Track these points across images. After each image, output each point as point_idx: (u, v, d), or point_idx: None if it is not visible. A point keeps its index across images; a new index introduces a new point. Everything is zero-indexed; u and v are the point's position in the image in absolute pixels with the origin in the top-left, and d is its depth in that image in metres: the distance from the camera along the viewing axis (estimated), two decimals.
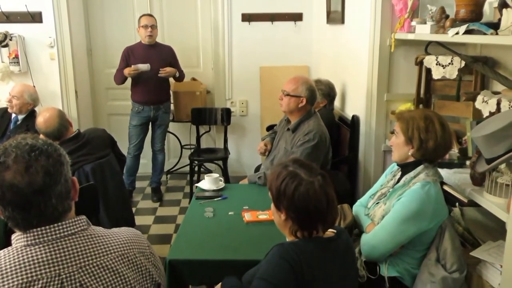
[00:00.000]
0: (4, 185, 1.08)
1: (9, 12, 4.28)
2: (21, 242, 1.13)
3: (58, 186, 1.13)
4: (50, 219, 1.14)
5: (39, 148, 1.13)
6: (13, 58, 4.32)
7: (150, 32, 4.12)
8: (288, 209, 1.50)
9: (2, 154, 1.11)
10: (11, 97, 3.47)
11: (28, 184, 1.08)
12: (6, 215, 1.12)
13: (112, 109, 5.07)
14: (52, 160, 1.13)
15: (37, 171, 1.09)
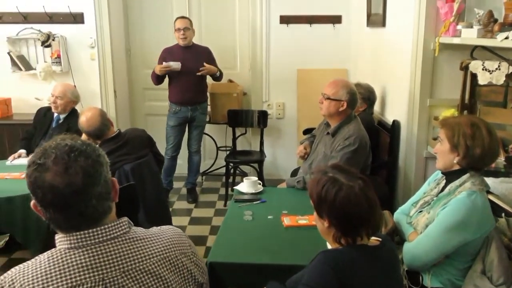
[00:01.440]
0: (45, 187, 1.08)
1: (52, 13, 4.41)
2: (64, 244, 1.13)
3: (97, 187, 1.13)
4: (91, 220, 1.14)
5: (78, 149, 1.12)
6: (55, 58, 4.44)
7: (183, 35, 4.16)
8: (330, 216, 1.47)
9: (42, 155, 1.11)
10: (55, 98, 3.54)
11: (68, 185, 1.08)
12: (47, 216, 1.12)
13: (149, 109, 5.14)
14: (91, 160, 1.13)
15: (76, 171, 1.09)
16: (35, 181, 1.09)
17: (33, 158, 1.12)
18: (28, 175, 1.11)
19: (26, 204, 2.72)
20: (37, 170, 1.09)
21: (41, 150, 1.13)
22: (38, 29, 4.38)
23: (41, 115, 3.70)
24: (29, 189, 1.11)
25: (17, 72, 4.46)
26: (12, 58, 4.39)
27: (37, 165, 1.09)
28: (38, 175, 1.08)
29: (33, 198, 1.12)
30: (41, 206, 1.11)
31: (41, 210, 1.13)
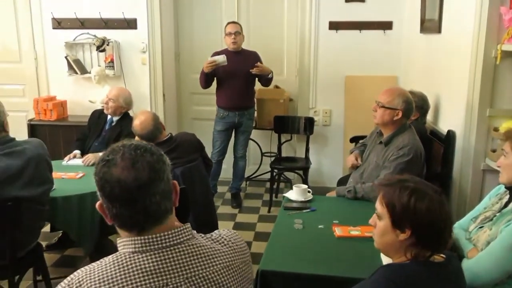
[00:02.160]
0: (112, 181, 1.12)
1: (107, 18, 4.53)
2: (129, 248, 1.14)
3: (161, 183, 1.16)
4: (154, 217, 1.15)
5: (144, 147, 1.18)
6: (109, 62, 4.57)
7: (234, 39, 4.18)
8: (415, 226, 1.41)
9: (111, 152, 1.16)
10: (108, 100, 3.65)
11: (134, 179, 1.11)
12: (113, 212, 1.14)
13: (196, 113, 5.20)
14: (156, 157, 1.17)
15: (143, 166, 1.13)
16: (104, 176, 1.13)
17: (102, 156, 1.18)
18: (96, 172, 1.16)
19: (81, 204, 2.81)
20: (105, 165, 1.14)
21: (109, 149, 1.18)
22: (93, 34, 4.52)
23: (95, 117, 3.81)
24: (97, 186, 1.15)
25: (73, 76, 4.62)
26: (69, 62, 4.55)
27: (106, 161, 1.14)
28: (107, 170, 1.13)
29: (100, 195, 1.16)
30: (108, 202, 1.14)
31: (107, 208, 1.16)
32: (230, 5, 4.93)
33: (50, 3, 4.57)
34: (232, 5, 4.92)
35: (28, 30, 4.69)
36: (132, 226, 1.15)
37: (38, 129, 4.45)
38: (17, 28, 4.74)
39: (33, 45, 4.71)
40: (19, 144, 2.42)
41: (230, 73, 4.16)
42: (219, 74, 4.23)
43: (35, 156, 2.43)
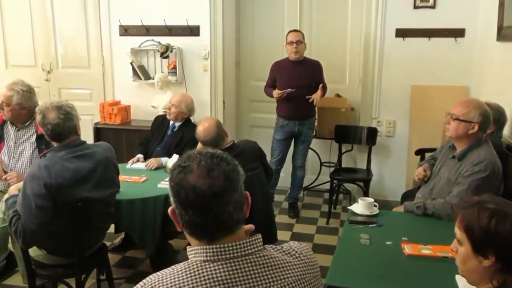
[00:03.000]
0: (188, 187, 1.11)
1: (171, 26, 4.62)
2: (200, 257, 1.13)
3: (235, 193, 1.14)
4: (226, 227, 1.14)
5: (220, 156, 1.17)
6: (172, 68, 4.64)
7: (295, 49, 4.13)
8: (500, 252, 1.29)
9: (187, 159, 1.16)
10: (171, 105, 3.70)
11: (209, 187, 1.11)
12: (185, 219, 1.14)
13: (254, 121, 5.19)
14: (232, 166, 1.16)
15: (218, 175, 1.12)
16: (179, 182, 1.13)
17: (178, 162, 1.18)
18: (172, 177, 1.16)
19: (144, 208, 2.85)
20: (181, 172, 1.14)
21: (186, 155, 1.18)
22: (158, 41, 4.61)
23: (158, 122, 3.87)
24: (172, 191, 1.16)
25: (137, 81, 4.74)
26: (134, 68, 4.67)
27: (182, 167, 1.14)
28: (182, 177, 1.13)
29: (174, 200, 1.15)
30: (181, 208, 1.14)
31: (179, 214, 1.15)
32: (292, 12, 4.89)
33: (118, 11, 4.72)
34: (294, 12, 4.88)
35: (97, 37, 4.87)
36: (202, 234, 1.15)
37: (103, 132, 4.59)
38: (87, 35, 4.93)
39: (101, 51, 4.88)
40: (89, 147, 2.49)
41: (292, 82, 4.10)
42: (280, 84, 4.19)
43: (103, 159, 2.48)
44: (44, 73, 5.07)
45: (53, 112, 2.38)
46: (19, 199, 2.29)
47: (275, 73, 4.24)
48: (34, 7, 5.01)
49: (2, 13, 5.11)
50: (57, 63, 5.08)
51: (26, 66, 5.13)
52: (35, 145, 3.13)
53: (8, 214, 2.35)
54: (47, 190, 2.22)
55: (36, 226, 2.25)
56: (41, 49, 5.09)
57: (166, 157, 3.55)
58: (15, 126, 3.17)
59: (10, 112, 3.10)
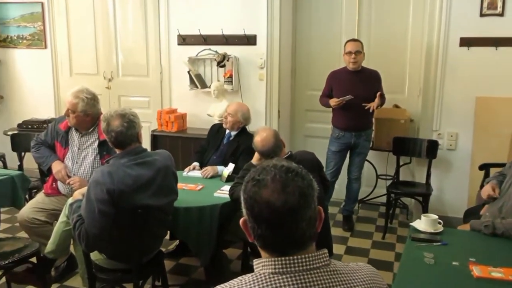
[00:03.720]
0: (261, 202, 1.09)
1: (228, 35, 4.66)
2: (268, 269, 1.11)
3: (309, 210, 1.12)
4: (298, 243, 1.12)
5: (295, 170, 1.14)
6: (228, 77, 4.68)
7: (354, 59, 4.04)
8: None
9: (261, 172, 1.13)
10: (227, 114, 3.71)
11: (284, 203, 1.08)
12: (258, 233, 1.12)
13: (309, 131, 5.13)
14: (307, 182, 1.13)
15: (293, 191, 1.09)
16: (253, 195, 1.11)
17: (252, 174, 1.15)
18: (246, 190, 1.14)
19: (201, 216, 2.86)
20: (255, 185, 1.11)
21: (260, 168, 1.16)
22: (215, 50, 4.67)
23: (214, 131, 3.90)
24: (245, 204, 1.14)
25: (194, 89, 4.81)
26: (191, 76, 4.74)
27: (256, 181, 1.12)
28: (257, 191, 1.11)
29: (247, 213, 1.14)
30: (254, 222, 1.12)
31: (251, 227, 1.13)
32: (350, 21, 4.81)
33: (177, 21, 4.82)
34: (353, 20, 4.80)
35: (156, 46, 4.99)
36: (274, 249, 1.13)
37: (159, 140, 4.68)
38: (147, 45, 5.07)
39: (159, 60, 4.99)
40: (150, 155, 2.53)
41: (349, 92, 4.02)
42: (337, 94, 4.12)
43: (163, 167, 2.51)
44: (105, 81, 5.26)
45: (117, 120, 2.44)
46: (83, 204, 2.36)
47: (332, 83, 4.17)
48: (98, 18, 5.21)
49: (69, 24, 5.34)
50: (117, 72, 5.26)
51: (88, 74, 5.34)
52: (97, 151, 3.23)
53: (73, 218, 2.42)
54: (110, 196, 2.27)
55: (99, 230, 2.30)
56: (103, 58, 5.28)
57: (222, 165, 3.56)
58: (79, 132, 3.28)
59: (75, 118, 3.21)
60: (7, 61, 5.61)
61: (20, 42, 5.52)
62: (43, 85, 5.50)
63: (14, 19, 5.48)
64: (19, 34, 5.51)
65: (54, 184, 3.30)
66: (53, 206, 3.23)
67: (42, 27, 5.39)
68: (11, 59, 5.61)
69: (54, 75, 5.48)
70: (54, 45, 5.43)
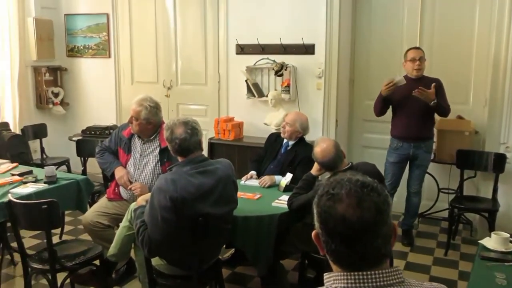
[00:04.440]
0: (336, 217, 1.08)
1: (287, 44, 4.66)
2: (340, 284, 1.10)
3: (384, 226, 1.09)
4: (372, 260, 1.09)
5: (370, 185, 1.11)
6: (285, 86, 4.67)
7: (418, 66, 3.92)
8: None
9: (335, 186, 1.11)
10: (285, 123, 3.69)
11: (359, 219, 1.06)
12: (331, 247, 1.10)
13: (367, 141, 5.02)
14: (382, 197, 1.10)
15: (369, 206, 1.07)
16: (328, 210, 1.10)
17: (326, 188, 1.13)
18: (319, 204, 1.13)
19: (259, 225, 2.85)
20: (330, 200, 1.10)
21: (334, 182, 1.14)
22: (273, 60, 4.68)
23: (272, 140, 3.89)
24: (318, 218, 1.12)
25: (251, 99, 4.84)
26: (248, 85, 4.78)
27: (330, 195, 1.10)
28: (331, 205, 1.09)
29: (320, 227, 1.12)
30: (327, 236, 1.11)
31: (325, 241, 1.12)
32: (411, 29, 4.68)
33: (236, 31, 4.88)
34: (414, 29, 4.67)
35: (215, 55, 5.08)
36: (348, 264, 1.11)
37: (216, 148, 4.73)
38: (205, 54, 5.17)
39: (217, 69, 5.08)
40: (212, 163, 2.55)
41: (408, 101, 3.90)
42: (395, 102, 4.00)
43: (224, 176, 2.53)
44: (164, 89, 5.40)
45: (181, 127, 2.49)
46: (147, 210, 2.41)
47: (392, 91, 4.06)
48: (159, 28, 5.38)
49: (131, 34, 5.55)
50: (176, 80, 5.39)
51: (149, 83, 5.51)
52: (158, 157, 3.30)
53: (136, 224, 2.47)
54: (172, 203, 2.30)
55: (161, 237, 2.34)
56: (163, 67, 5.44)
57: (279, 175, 3.54)
58: (141, 139, 3.37)
59: (137, 125, 3.30)
60: (73, 70, 5.89)
61: (86, 52, 5.79)
62: (106, 93, 5.73)
63: (81, 29, 5.75)
64: (85, 44, 5.77)
65: (116, 189, 3.40)
66: (115, 211, 3.32)
67: (107, 37, 5.63)
68: (77, 68, 5.89)
69: (117, 83, 5.69)
70: (117, 54, 5.65)
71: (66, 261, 2.74)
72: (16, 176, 3.39)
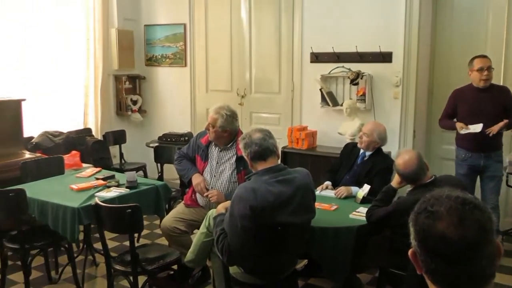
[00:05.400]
0: (436, 236, 1.02)
1: (363, 52, 4.56)
2: None
3: (489, 246, 1.02)
4: (476, 281, 1.03)
5: (472, 202, 1.04)
6: (361, 95, 4.57)
7: (486, 76, 3.70)
8: None
9: (434, 203, 1.06)
10: (362, 134, 3.60)
11: (461, 238, 1.00)
12: (431, 267, 1.05)
13: (446, 153, 4.76)
14: (486, 215, 1.03)
15: (472, 225, 1.01)
16: (427, 229, 1.04)
17: (423, 205, 1.08)
18: (417, 222, 1.07)
19: (336, 237, 2.79)
20: (429, 218, 1.04)
21: (432, 199, 1.08)
22: (348, 68, 4.60)
23: (348, 150, 3.81)
24: (417, 236, 1.07)
25: (325, 107, 4.77)
26: (323, 94, 4.72)
27: (429, 212, 1.05)
28: (431, 223, 1.04)
29: (418, 245, 1.07)
30: (426, 255, 1.05)
31: (424, 261, 1.06)
32: (496, 36, 4.37)
33: (311, 39, 4.86)
34: (500, 35, 4.37)
35: (289, 64, 5.07)
36: (448, 285, 1.05)
37: (289, 157, 4.71)
38: (279, 63, 5.17)
39: (291, 77, 5.06)
40: (290, 172, 2.53)
41: (476, 111, 3.70)
42: (463, 114, 3.81)
43: (303, 185, 2.50)
44: (238, 97, 5.45)
45: (257, 133, 2.58)
46: (226, 218, 2.43)
47: (457, 102, 3.88)
48: (234, 38, 5.45)
49: (207, 44, 5.67)
50: (250, 88, 5.43)
51: (223, 91, 5.60)
52: (234, 166, 3.33)
53: (216, 232, 2.50)
54: (252, 212, 2.30)
55: (240, 245, 2.35)
56: (237, 75, 5.50)
57: (355, 186, 3.45)
58: (218, 147, 3.42)
59: (214, 133, 3.36)
60: (151, 79, 6.12)
61: (163, 61, 5.99)
62: (181, 101, 5.90)
63: (159, 39, 5.97)
64: (163, 53, 5.98)
65: (193, 196, 3.47)
66: (192, 217, 3.39)
67: (183, 46, 5.80)
68: (154, 76, 6.11)
69: (192, 91, 5.84)
70: (193, 63, 5.80)
71: (147, 264, 2.82)
72: (100, 180, 3.55)
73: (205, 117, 5.53)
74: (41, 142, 4.72)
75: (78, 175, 3.81)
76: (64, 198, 3.16)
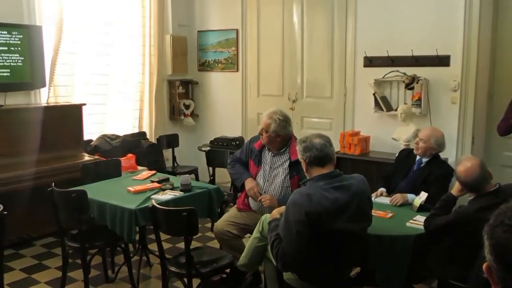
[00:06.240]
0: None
1: (418, 56, 4.44)
2: None
3: None
4: None
5: None
6: (416, 100, 4.45)
7: None
8: None
9: (509, 216, 0.99)
10: (419, 140, 3.50)
11: None
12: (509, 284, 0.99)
13: (507, 160, 4.57)
14: None
15: None
16: (506, 243, 0.98)
17: (500, 217, 1.01)
18: (493, 235, 1.01)
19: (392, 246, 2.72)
20: (507, 232, 0.99)
21: (509, 210, 1.01)
22: (403, 72, 4.49)
23: (403, 156, 3.72)
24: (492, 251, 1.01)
25: (378, 112, 4.68)
26: (376, 99, 4.63)
27: (507, 226, 0.99)
28: (509, 237, 0.98)
29: (493, 260, 1.00)
30: (505, 272, 0.99)
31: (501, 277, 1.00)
32: None
33: (364, 43, 4.78)
34: None
35: (341, 68, 5.01)
36: None
37: (341, 162, 4.61)
38: (332, 67, 5.12)
39: (344, 82, 5.00)
40: (346, 179, 2.49)
41: None
42: None
43: (359, 192, 2.45)
44: (289, 102, 5.44)
45: (318, 138, 2.56)
46: (281, 224, 2.42)
47: None
48: (286, 42, 5.45)
49: (259, 48, 5.70)
50: (301, 93, 5.40)
51: (274, 96, 5.60)
52: (287, 171, 3.32)
53: (271, 237, 2.50)
54: (307, 218, 2.28)
55: (295, 251, 2.33)
56: (288, 79, 5.49)
57: (411, 193, 3.35)
58: (271, 152, 3.42)
59: (267, 138, 3.37)
60: (203, 83, 6.22)
61: (216, 66, 6.08)
62: (233, 105, 5.95)
63: (212, 45, 6.07)
64: (215, 58, 6.07)
65: (246, 200, 3.48)
66: (244, 221, 3.40)
67: (236, 51, 5.86)
68: (207, 81, 6.21)
69: (243, 96, 5.88)
70: (245, 68, 5.85)
71: (201, 267, 2.85)
72: (155, 183, 3.64)
73: (256, 121, 5.57)
74: (99, 145, 4.90)
75: (135, 177, 3.92)
76: (122, 199, 3.26)
